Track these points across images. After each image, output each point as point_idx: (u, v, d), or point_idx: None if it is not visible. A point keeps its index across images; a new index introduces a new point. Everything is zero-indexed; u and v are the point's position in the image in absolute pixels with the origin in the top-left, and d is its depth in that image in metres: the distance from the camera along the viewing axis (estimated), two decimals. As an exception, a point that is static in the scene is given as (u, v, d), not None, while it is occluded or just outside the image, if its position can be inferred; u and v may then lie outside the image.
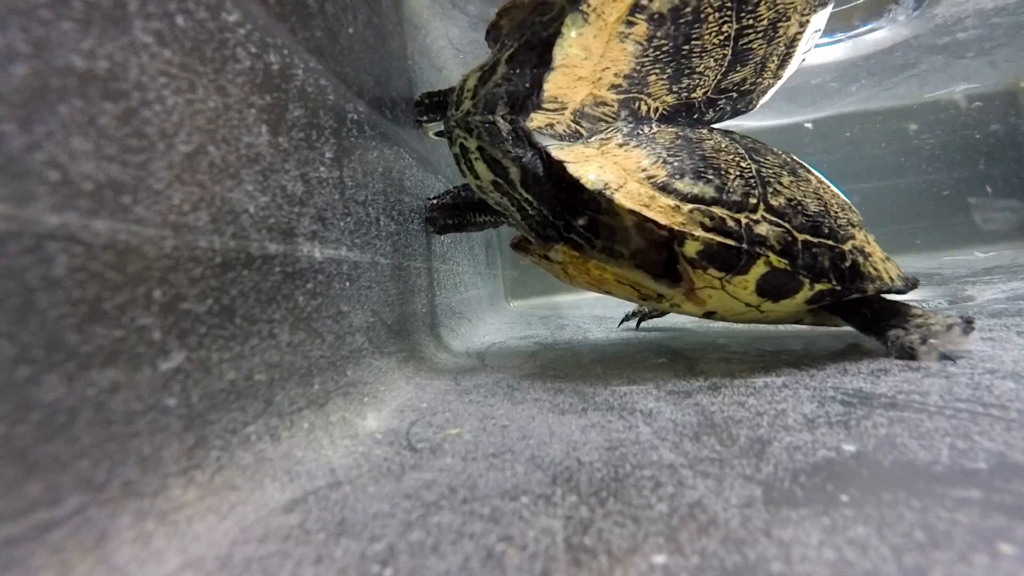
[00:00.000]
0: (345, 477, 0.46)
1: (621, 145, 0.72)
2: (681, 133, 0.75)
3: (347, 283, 0.71)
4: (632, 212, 0.67)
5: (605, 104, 0.76)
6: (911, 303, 0.82)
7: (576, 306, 2.36)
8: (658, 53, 0.76)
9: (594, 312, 1.27)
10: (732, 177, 0.72)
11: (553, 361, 0.94)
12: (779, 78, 0.87)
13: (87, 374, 0.33)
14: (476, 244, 2.02)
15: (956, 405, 0.52)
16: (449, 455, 0.50)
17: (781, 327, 1.14)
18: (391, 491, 0.42)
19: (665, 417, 0.57)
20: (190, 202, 0.43)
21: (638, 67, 0.76)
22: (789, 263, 0.72)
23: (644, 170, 0.69)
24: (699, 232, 0.68)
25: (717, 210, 0.69)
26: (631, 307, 1.36)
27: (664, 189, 0.68)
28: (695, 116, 0.81)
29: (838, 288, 0.76)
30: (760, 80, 0.85)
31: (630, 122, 0.76)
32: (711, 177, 0.71)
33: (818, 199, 0.80)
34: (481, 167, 0.75)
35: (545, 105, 0.72)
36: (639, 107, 0.76)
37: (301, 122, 0.62)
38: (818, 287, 0.75)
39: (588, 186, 0.67)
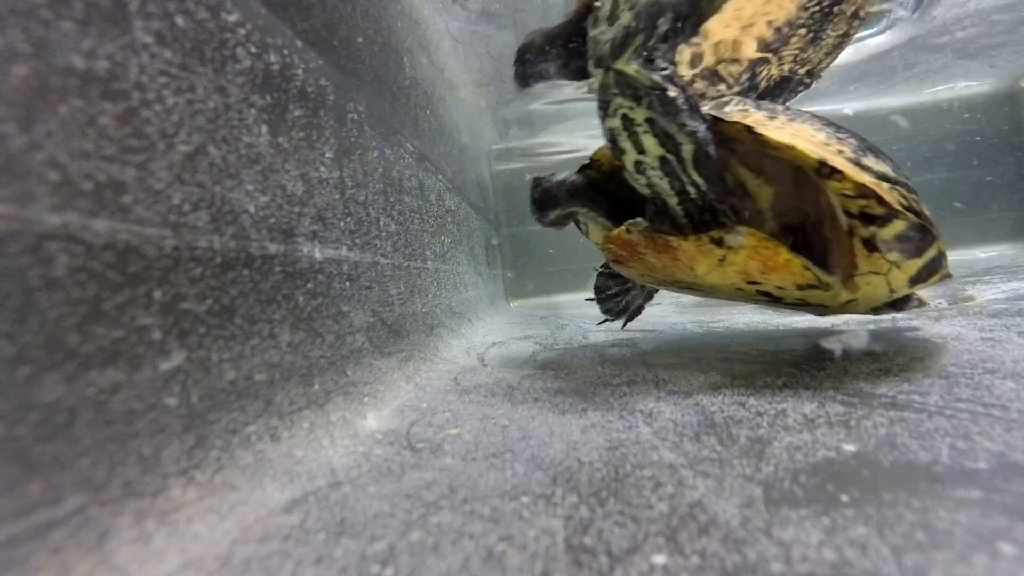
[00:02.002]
0: (345, 477, 0.46)
1: (776, 117, 0.67)
2: (803, 110, 0.71)
3: (347, 283, 0.71)
4: (863, 190, 0.60)
5: (736, 62, 0.72)
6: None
7: (576, 306, 2.36)
8: (814, 12, 0.73)
9: (594, 312, 1.27)
10: (885, 155, 0.67)
11: (553, 361, 0.94)
12: (828, 65, 0.86)
13: (87, 374, 0.33)
14: (476, 244, 2.02)
15: (956, 405, 0.52)
16: (449, 455, 0.50)
17: (781, 326, 1.14)
18: (391, 491, 0.42)
19: (665, 417, 0.57)
20: (190, 202, 0.43)
21: (791, 23, 0.72)
22: (943, 246, 0.68)
23: (827, 144, 0.63)
24: (905, 212, 0.62)
25: (902, 190, 0.64)
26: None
27: (858, 165, 0.62)
28: (777, 93, 0.79)
29: None
30: (824, 63, 0.84)
31: (738, 94, 0.72)
32: (880, 155, 0.66)
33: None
34: (650, 141, 0.65)
35: (694, 40, 0.68)
36: (760, 73, 0.73)
37: (301, 122, 0.62)
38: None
39: (804, 158, 0.61)
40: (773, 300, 0.76)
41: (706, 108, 0.68)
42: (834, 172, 0.61)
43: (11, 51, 0.31)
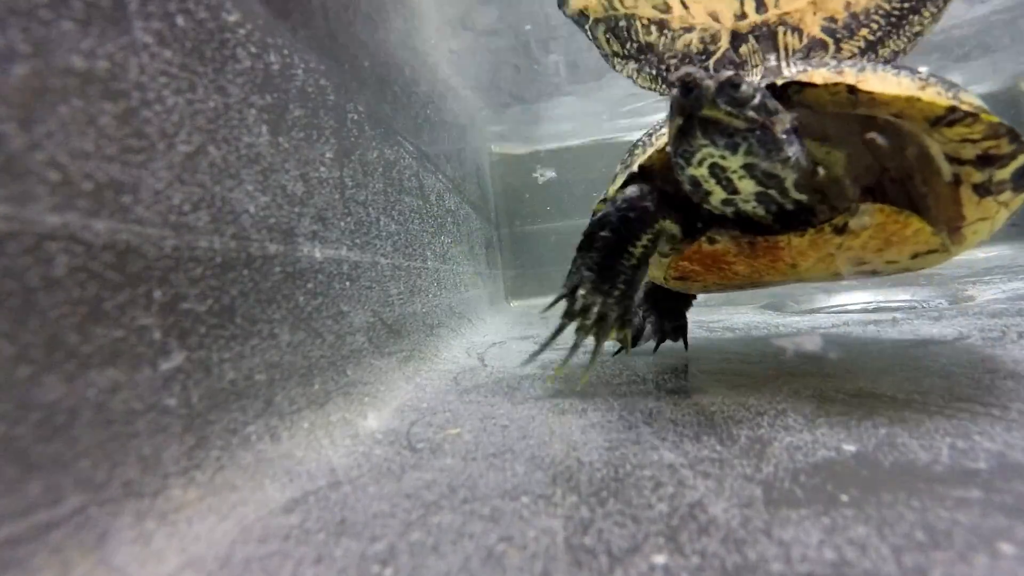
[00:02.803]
0: (345, 477, 0.46)
1: (864, 69, 0.60)
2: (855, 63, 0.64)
3: (347, 283, 0.71)
4: (995, 129, 0.55)
5: (796, 32, 0.67)
6: (910, 302, 0.82)
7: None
8: (895, 11, 0.71)
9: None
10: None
11: (553, 361, 0.94)
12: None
13: (87, 374, 0.33)
14: (476, 244, 2.02)
15: (956, 405, 0.52)
16: (449, 455, 0.50)
17: (781, 326, 1.14)
18: (391, 491, 0.42)
19: (665, 417, 0.57)
20: (190, 202, 0.43)
21: (868, 13, 0.70)
22: None
23: (926, 88, 0.57)
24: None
25: (1001, 119, 0.58)
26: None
27: (958, 101, 0.57)
28: None
29: None
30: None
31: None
32: (962, 88, 0.60)
33: None
34: (748, 184, 0.57)
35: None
36: (812, 59, 0.69)
37: (301, 122, 0.62)
38: None
39: (931, 108, 0.55)
40: (865, 275, 0.71)
41: (791, 71, 0.61)
42: (967, 116, 0.55)
43: (11, 51, 0.31)
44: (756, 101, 0.53)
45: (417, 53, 1.34)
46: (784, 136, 0.54)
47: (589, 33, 0.86)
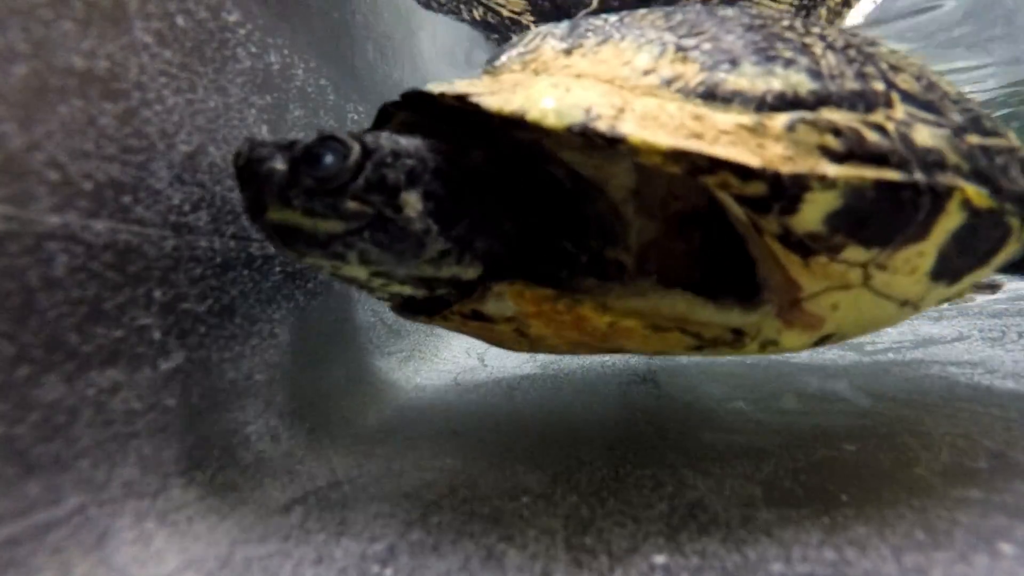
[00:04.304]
0: (345, 477, 0.46)
1: (573, 49, 0.40)
2: (666, 10, 0.43)
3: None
4: (672, 155, 0.33)
5: None
6: None
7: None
8: None
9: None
10: (820, 51, 0.39)
11: (553, 361, 0.94)
12: None
13: (87, 374, 0.33)
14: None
15: (956, 405, 0.52)
16: (449, 455, 0.50)
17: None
18: (391, 491, 0.42)
19: (665, 416, 0.57)
20: (190, 202, 0.43)
21: None
22: (991, 193, 0.38)
23: (650, 71, 0.37)
24: (826, 169, 0.33)
25: (833, 114, 0.35)
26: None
27: (711, 96, 0.35)
28: None
29: None
30: None
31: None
32: (790, 55, 0.37)
33: (926, 73, 0.45)
34: (394, 286, 0.41)
35: None
36: None
37: (301, 122, 0.62)
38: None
39: (546, 124, 0.34)
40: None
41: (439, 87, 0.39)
42: (614, 140, 0.33)
43: (11, 51, 0.31)
44: (360, 182, 0.34)
45: (410, 47, 1.34)
46: (420, 218, 0.36)
47: None
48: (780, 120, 0.34)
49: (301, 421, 0.53)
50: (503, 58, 0.43)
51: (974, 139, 0.40)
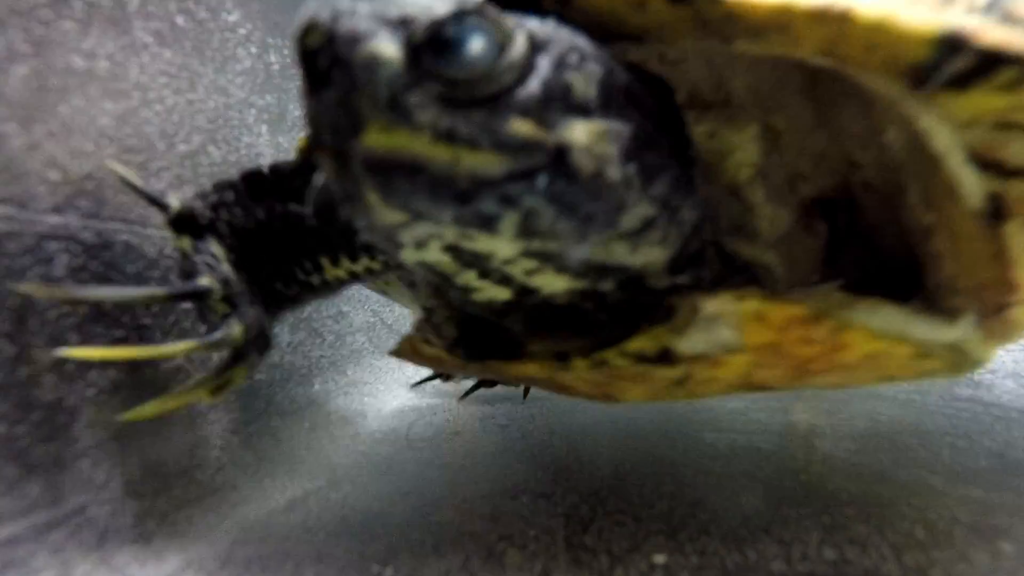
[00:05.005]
0: (345, 476, 0.46)
1: None
2: None
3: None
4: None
5: None
6: None
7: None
8: None
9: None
10: None
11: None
12: None
13: (87, 374, 0.33)
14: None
15: (956, 404, 0.52)
16: (449, 455, 0.50)
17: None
18: (391, 490, 0.42)
19: (667, 415, 0.57)
20: (190, 202, 0.43)
21: None
22: None
23: None
24: None
25: None
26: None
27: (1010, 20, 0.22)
28: None
29: None
30: None
31: None
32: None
33: None
34: (550, 279, 0.27)
35: None
36: None
37: (301, 122, 0.62)
38: None
39: (912, 41, 0.21)
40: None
41: None
42: (999, 63, 0.21)
43: (11, 51, 0.31)
44: (533, 89, 0.21)
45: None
46: (619, 160, 0.23)
47: None
48: None
49: (301, 421, 0.53)
50: None
51: None
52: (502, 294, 0.27)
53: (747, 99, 0.29)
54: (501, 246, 0.24)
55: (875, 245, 0.31)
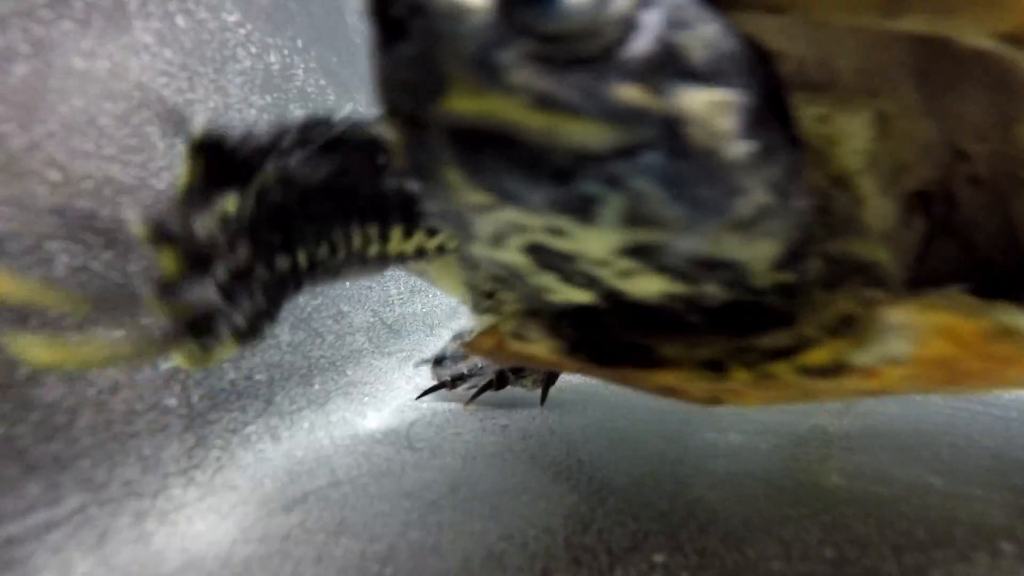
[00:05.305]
0: (345, 476, 0.46)
1: None
2: None
3: (347, 283, 0.71)
4: None
5: None
6: None
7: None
8: None
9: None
10: None
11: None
12: None
13: (87, 374, 0.33)
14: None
15: (956, 404, 0.52)
16: (449, 455, 0.50)
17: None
18: (391, 490, 0.42)
19: (667, 415, 0.57)
20: (190, 202, 0.43)
21: None
22: None
23: None
24: None
25: None
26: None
27: None
28: None
29: None
30: None
31: None
32: None
33: None
34: (645, 282, 0.23)
35: None
36: None
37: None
38: None
39: None
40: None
41: None
42: None
43: (11, 51, 0.31)
44: (643, 48, 0.18)
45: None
46: (735, 137, 0.19)
47: None
48: None
49: (301, 421, 0.53)
50: None
51: None
52: (583, 297, 0.25)
53: (854, 81, 0.27)
54: (595, 241, 0.20)
55: (969, 242, 0.29)
